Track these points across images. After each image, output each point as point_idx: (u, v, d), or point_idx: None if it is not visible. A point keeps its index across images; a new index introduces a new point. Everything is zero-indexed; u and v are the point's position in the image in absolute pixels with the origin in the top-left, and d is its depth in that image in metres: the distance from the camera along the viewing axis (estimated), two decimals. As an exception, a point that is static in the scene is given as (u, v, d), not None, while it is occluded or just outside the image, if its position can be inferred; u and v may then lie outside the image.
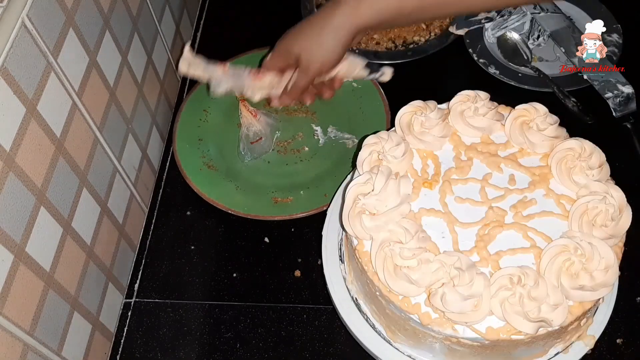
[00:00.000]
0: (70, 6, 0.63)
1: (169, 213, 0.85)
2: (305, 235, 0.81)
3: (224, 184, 0.85)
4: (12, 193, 0.53)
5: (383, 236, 0.60)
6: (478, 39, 0.99)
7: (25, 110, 0.55)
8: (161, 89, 0.91)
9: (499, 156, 0.67)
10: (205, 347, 0.74)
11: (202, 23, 1.09)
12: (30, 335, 0.57)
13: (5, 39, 0.52)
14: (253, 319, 0.75)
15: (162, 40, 0.91)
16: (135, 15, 0.80)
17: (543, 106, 0.68)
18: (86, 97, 0.66)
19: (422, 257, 0.58)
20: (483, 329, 0.57)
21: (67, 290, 0.64)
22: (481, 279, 0.57)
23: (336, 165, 0.86)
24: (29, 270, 0.56)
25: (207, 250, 0.81)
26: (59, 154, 0.61)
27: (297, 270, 0.79)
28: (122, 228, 0.78)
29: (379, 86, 0.93)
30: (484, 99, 0.69)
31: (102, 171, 0.72)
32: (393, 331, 0.65)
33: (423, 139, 0.67)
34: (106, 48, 0.71)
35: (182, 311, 0.76)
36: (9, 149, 0.52)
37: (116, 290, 0.76)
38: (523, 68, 0.95)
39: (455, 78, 0.98)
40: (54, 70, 0.60)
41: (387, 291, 0.59)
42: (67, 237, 0.63)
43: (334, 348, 0.73)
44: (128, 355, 0.74)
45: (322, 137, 0.90)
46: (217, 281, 0.79)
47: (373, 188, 0.62)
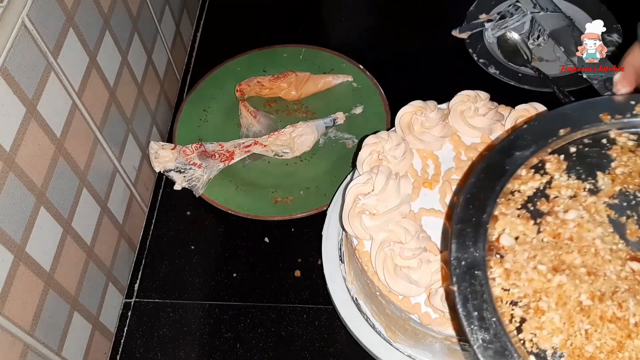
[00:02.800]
0: (70, 6, 0.63)
1: (169, 213, 0.85)
2: (305, 235, 0.81)
3: (224, 184, 0.85)
4: (12, 193, 0.53)
5: (383, 236, 0.60)
6: (478, 39, 0.99)
7: (25, 110, 0.55)
8: (161, 89, 0.91)
9: (499, 156, 0.67)
10: (205, 347, 0.74)
11: (202, 23, 1.09)
12: (30, 335, 0.57)
13: (5, 39, 0.52)
14: (253, 319, 0.75)
15: (162, 40, 0.91)
16: (135, 15, 0.80)
17: (543, 106, 0.68)
18: (86, 97, 0.66)
19: (422, 257, 0.58)
20: (483, 329, 0.57)
21: (67, 290, 0.64)
22: (481, 279, 0.57)
23: (336, 165, 0.86)
24: (29, 270, 0.56)
25: (207, 250, 0.81)
26: (59, 154, 0.61)
27: (297, 270, 0.79)
28: (122, 228, 0.78)
29: (378, 86, 0.93)
30: (484, 99, 0.69)
31: (102, 171, 0.72)
32: (393, 331, 0.65)
33: (423, 139, 0.67)
34: (106, 48, 0.71)
35: (182, 311, 0.76)
36: (9, 149, 0.52)
37: (116, 290, 0.76)
38: (523, 68, 0.95)
39: (455, 78, 0.98)
40: (54, 70, 0.60)
41: (387, 291, 0.59)
42: (67, 237, 0.63)
43: (334, 348, 0.73)
44: (128, 355, 0.74)
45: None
46: (217, 281, 0.79)
47: (373, 188, 0.62)
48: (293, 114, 0.93)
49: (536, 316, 0.47)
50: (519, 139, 0.54)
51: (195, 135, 0.90)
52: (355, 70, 0.96)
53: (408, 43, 1.03)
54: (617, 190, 0.53)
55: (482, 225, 0.50)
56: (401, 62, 1.00)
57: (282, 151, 0.88)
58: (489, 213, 0.51)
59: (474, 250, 0.49)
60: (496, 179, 0.52)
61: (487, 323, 0.46)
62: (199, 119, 0.92)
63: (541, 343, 0.46)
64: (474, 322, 0.46)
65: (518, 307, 0.47)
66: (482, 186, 0.52)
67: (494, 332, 0.45)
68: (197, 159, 0.85)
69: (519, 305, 0.47)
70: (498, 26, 1.00)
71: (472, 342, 0.45)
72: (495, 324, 0.46)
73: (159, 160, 0.85)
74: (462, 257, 0.48)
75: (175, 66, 0.97)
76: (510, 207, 0.51)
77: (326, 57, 0.98)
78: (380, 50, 1.03)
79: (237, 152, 0.87)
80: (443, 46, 1.02)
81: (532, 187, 0.53)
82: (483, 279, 0.47)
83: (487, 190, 0.52)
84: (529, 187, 0.53)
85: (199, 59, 1.03)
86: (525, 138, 0.54)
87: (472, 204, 0.51)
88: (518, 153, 0.53)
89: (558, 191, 0.53)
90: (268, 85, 0.94)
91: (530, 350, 0.46)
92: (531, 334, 0.46)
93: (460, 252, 0.49)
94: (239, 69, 0.97)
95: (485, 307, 0.46)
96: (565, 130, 0.54)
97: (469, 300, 0.47)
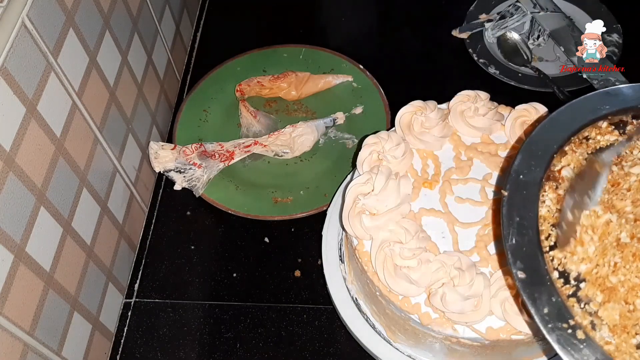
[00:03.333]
0: (70, 6, 0.63)
1: (169, 213, 0.85)
2: (305, 235, 0.81)
3: (224, 184, 0.85)
4: (12, 193, 0.53)
5: (383, 236, 0.60)
6: (478, 39, 0.99)
7: (25, 110, 0.55)
8: (161, 89, 0.91)
9: (499, 156, 0.67)
10: (205, 347, 0.74)
11: (202, 23, 1.09)
12: (30, 335, 0.57)
13: (5, 39, 0.52)
14: (253, 319, 0.75)
15: (162, 40, 0.91)
16: (135, 16, 0.80)
17: (543, 106, 0.68)
18: (86, 97, 0.66)
19: (422, 257, 0.58)
20: (483, 329, 0.57)
21: (67, 290, 0.64)
22: (481, 279, 0.57)
23: (336, 165, 0.86)
24: (29, 270, 0.56)
25: (207, 250, 0.81)
26: (59, 154, 0.61)
27: (297, 270, 0.79)
28: (122, 228, 0.78)
29: (379, 86, 0.93)
30: (484, 99, 0.69)
31: (102, 171, 0.72)
32: (393, 331, 0.65)
33: (423, 139, 0.67)
34: (106, 48, 0.71)
35: (182, 311, 0.76)
36: (9, 149, 0.52)
37: (116, 290, 0.76)
38: (523, 68, 0.95)
39: (455, 78, 0.98)
40: (54, 70, 0.60)
41: (387, 291, 0.59)
42: (67, 237, 0.63)
43: (334, 348, 0.73)
44: (128, 355, 0.74)
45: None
46: (217, 281, 0.79)
47: (373, 188, 0.62)
48: (293, 114, 0.93)
49: (577, 244, 0.49)
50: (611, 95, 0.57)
51: (195, 135, 0.90)
52: (355, 70, 0.96)
53: (408, 43, 1.03)
54: None
55: (550, 151, 0.53)
56: (401, 62, 1.00)
57: (282, 151, 0.88)
58: (560, 145, 0.53)
59: (535, 169, 0.52)
60: (577, 121, 0.55)
61: (524, 230, 0.48)
62: (199, 119, 0.92)
63: (568, 265, 0.48)
64: (514, 225, 0.48)
65: (558, 229, 0.50)
66: (562, 121, 0.55)
67: (529, 238, 0.48)
68: (197, 159, 0.85)
69: (560, 228, 0.50)
70: (498, 26, 1.00)
71: (506, 242, 0.47)
72: (531, 233, 0.48)
73: (158, 160, 0.85)
74: (522, 171, 0.51)
75: (175, 66, 0.97)
76: (581, 148, 0.54)
77: (326, 57, 0.98)
78: (380, 50, 1.03)
79: (237, 152, 0.87)
80: (443, 46, 1.02)
81: (608, 140, 0.56)
82: (535, 195, 0.50)
83: (565, 126, 0.55)
84: (605, 138, 0.56)
85: (199, 59, 1.03)
86: (618, 95, 0.57)
87: (549, 132, 0.54)
88: (607, 107, 0.56)
89: (631, 151, 0.56)
90: (268, 85, 0.94)
91: (555, 267, 0.48)
92: (562, 254, 0.49)
93: (522, 167, 0.51)
94: (239, 69, 0.97)
95: (528, 217, 0.49)
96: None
97: (514, 207, 0.49)
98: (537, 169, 0.52)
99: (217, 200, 0.83)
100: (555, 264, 0.49)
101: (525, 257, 0.47)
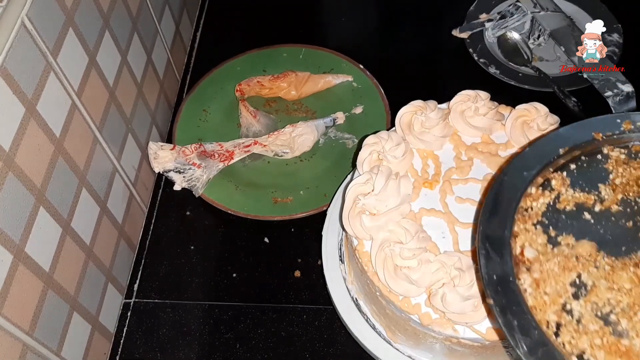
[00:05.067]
0: (70, 6, 0.63)
1: (169, 213, 0.85)
2: (305, 235, 0.81)
3: (223, 184, 0.85)
4: (12, 193, 0.53)
5: (383, 236, 0.60)
6: (478, 39, 0.99)
7: (24, 110, 0.55)
8: (161, 88, 0.91)
9: (499, 156, 0.67)
10: (205, 347, 0.74)
11: (202, 23, 1.08)
12: (30, 335, 0.57)
13: (5, 39, 0.52)
14: (253, 319, 0.75)
15: (162, 40, 0.91)
16: (135, 15, 0.80)
17: (544, 106, 0.68)
18: (86, 97, 0.66)
19: (422, 258, 0.58)
20: (483, 330, 0.57)
21: (66, 291, 0.64)
22: (481, 279, 0.57)
23: (336, 165, 0.86)
24: (28, 271, 0.56)
25: (207, 250, 0.81)
26: (58, 153, 0.61)
27: (297, 271, 0.79)
28: (121, 228, 0.78)
29: (379, 86, 0.93)
30: (484, 99, 0.69)
31: (101, 171, 0.71)
32: (393, 331, 0.65)
33: (423, 138, 0.67)
34: (106, 48, 0.71)
35: (182, 311, 0.76)
36: (9, 149, 0.52)
37: (116, 290, 0.76)
38: (523, 68, 0.95)
39: (455, 78, 0.98)
40: (53, 70, 0.60)
41: (387, 291, 0.59)
42: (66, 237, 0.63)
43: (334, 348, 0.73)
44: (128, 356, 0.74)
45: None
46: (217, 281, 0.78)
47: (373, 188, 0.62)
48: (293, 113, 0.93)
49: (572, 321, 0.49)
50: (525, 159, 0.58)
51: (194, 135, 0.90)
52: (355, 70, 0.96)
53: (408, 43, 1.03)
54: (619, 198, 0.57)
55: (505, 240, 0.53)
56: (401, 62, 1.00)
57: (282, 151, 0.88)
58: (509, 229, 0.54)
59: (502, 264, 0.52)
60: (511, 198, 0.56)
61: (528, 330, 0.48)
62: (199, 119, 0.92)
63: (579, 345, 0.48)
64: (515, 330, 0.48)
65: (553, 313, 0.50)
66: (499, 204, 0.56)
67: (537, 337, 0.48)
68: (196, 159, 0.85)
69: (554, 312, 0.50)
70: (498, 26, 1.00)
71: (518, 351, 0.47)
72: (536, 330, 0.48)
73: (158, 160, 0.85)
74: (492, 272, 0.51)
75: (175, 66, 0.97)
76: (527, 223, 0.55)
77: (326, 57, 0.98)
78: (380, 50, 1.03)
79: (236, 152, 0.86)
80: (443, 46, 1.02)
81: (544, 203, 0.57)
82: (515, 290, 0.50)
83: (504, 208, 0.55)
84: (540, 203, 0.56)
85: (199, 59, 1.03)
86: (529, 159, 0.58)
87: (492, 220, 0.54)
88: (525, 173, 0.57)
89: (567, 204, 0.57)
90: (268, 85, 0.94)
91: (571, 352, 0.48)
92: (569, 337, 0.49)
93: (489, 268, 0.51)
94: (239, 68, 0.97)
95: (524, 317, 0.49)
96: (563, 149, 0.59)
97: (507, 312, 0.49)
98: (502, 262, 0.52)
99: (217, 200, 0.83)
100: (568, 349, 0.48)
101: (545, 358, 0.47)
